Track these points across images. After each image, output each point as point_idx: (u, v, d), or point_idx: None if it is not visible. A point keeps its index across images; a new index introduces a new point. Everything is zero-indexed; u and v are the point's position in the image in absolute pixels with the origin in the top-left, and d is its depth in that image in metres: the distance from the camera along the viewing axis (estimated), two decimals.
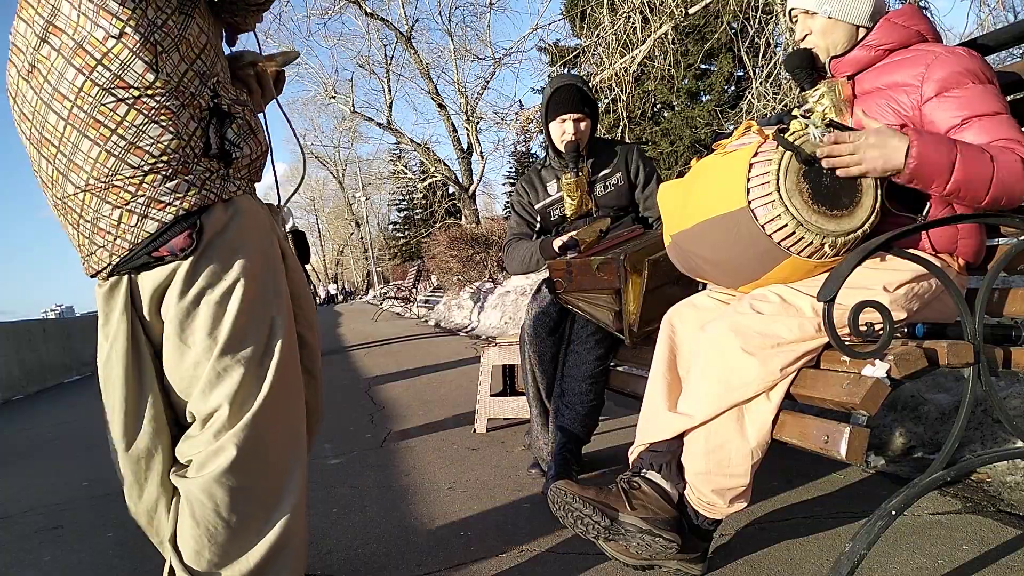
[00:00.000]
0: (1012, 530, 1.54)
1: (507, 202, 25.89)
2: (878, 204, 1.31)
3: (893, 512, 1.16)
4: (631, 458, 1.51)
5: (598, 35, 7.21)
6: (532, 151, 22.14)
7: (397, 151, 26.73)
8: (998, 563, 1.40)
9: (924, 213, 1.38)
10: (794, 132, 1.30)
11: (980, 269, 1.48)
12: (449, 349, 6.75)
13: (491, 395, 3.06)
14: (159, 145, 1.13)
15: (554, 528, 1.82)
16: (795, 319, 1.32)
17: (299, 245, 1.44)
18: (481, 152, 16.45)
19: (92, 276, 1.21)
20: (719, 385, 1.33)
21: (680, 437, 1.41)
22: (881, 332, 1.16)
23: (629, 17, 6.69)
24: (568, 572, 1.58)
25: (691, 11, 6.56)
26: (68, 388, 8.01)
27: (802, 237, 1.28)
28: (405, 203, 38.65)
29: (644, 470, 1.44)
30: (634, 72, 7.01)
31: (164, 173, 1.14)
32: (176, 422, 1.25)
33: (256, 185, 1.34)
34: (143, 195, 1.13)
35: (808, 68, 1.55)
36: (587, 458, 2.37)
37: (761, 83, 6.54)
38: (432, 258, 13.32)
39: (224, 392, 1.17)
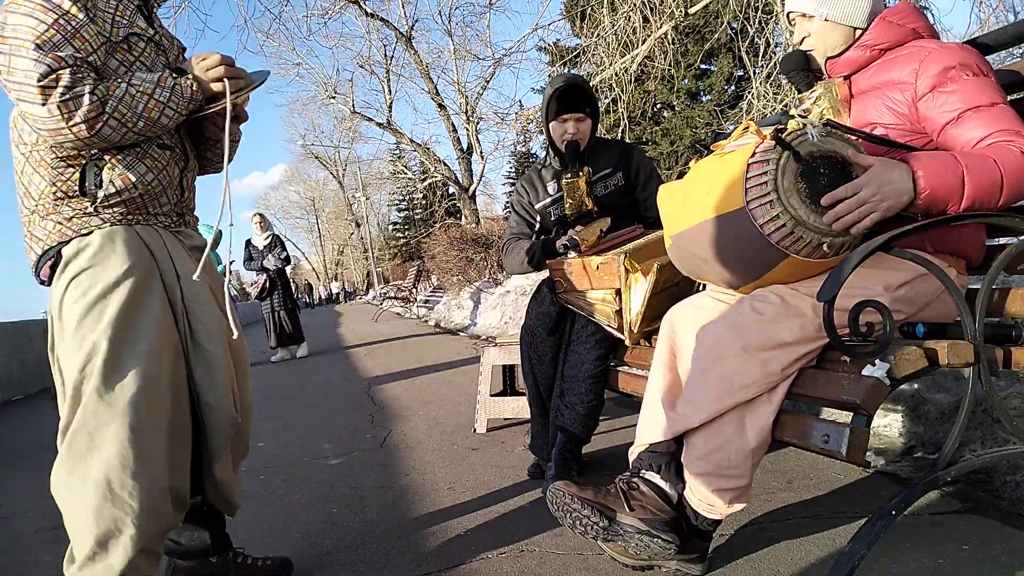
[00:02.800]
0: (1012, 530, 1.54)
1: (507, 202, 25.87)
2: None
3: (893, 512, 1.16)
4: (630, 458, 1.51)
5: (598, 35, 7.21)
6: (532, 151, 22.13)
7: (397, 151, 26.70)
8: (998, 563, 1.40)
9: None
10: (792, 132, 1.30)
11: (980, 269, 1.47)
12: (449, 349, 6.75)
13: (491, 395, 3.06)
14: (37, 190, 1.37)
15: (554, 528, 1.82)
16: (795, 320, 1.31)
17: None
18: (481, 152, 16.44)
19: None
20: (719, 386, 1.33)
21: (680, 438, 1.41)
22: (881, 332, 1.16)
23: (629, 17, 6.69)
24: (568, 572, 1.58)
25: (691, 11, 6.55)
26: None
27: (800, 237, 1.28)
28: (405, 203, 38.65)
29: (643, 471, 1.44)
30: (634, 72, 7.00)
31: (40, 214, 1.38)
32: None
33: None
34: (27, 232, 1.40)
35: (804, 71, 1.55)
36: (587, 458, 2.37)
37: (761, 83, 6.54)
38: (432, 258, 13.32)
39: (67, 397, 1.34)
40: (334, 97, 18.15)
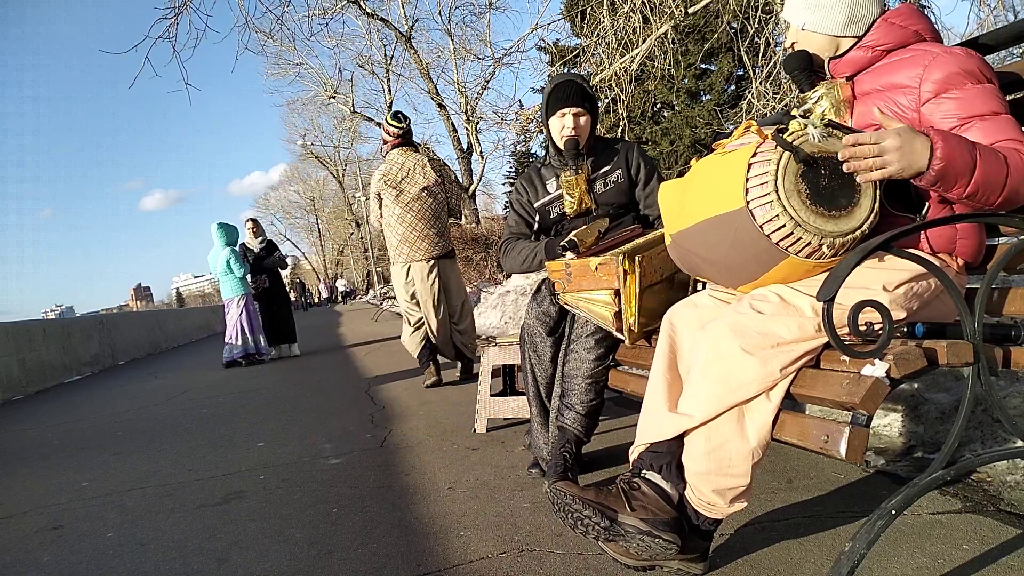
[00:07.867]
0: (1012, 530, 1.54)
1: (507, 201, 25.85)
2: (876, 205, 1.30)
3: (893, 512, 1.16)
4: (631, 458, 1.51)
5: (598, 35, 7.21)
6: (532, 151, 22.12)
7: None
8: (998, 563, 1.40)
9: (923, 213, 1.38)
10: (793, 132, 1.30)
11: (980, 269, 1.47)
12: None
13: (491, 395, 3.06)
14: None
15: (554, 528, 1.82)
16: (795, 319, 1.31)
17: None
18: (481, 152, 16.44)
19: (424, 259, 4.36)
20: (719, 385, 1.33)
21: (680, 437, 1.41)
22: (881, 332, 1.16)
23: (629, 17, 6.68)
24: (568, 572, 1.58)
25: (691, 11, 6.54)
26: (68, 388, 8.00)
27: (800, 238, 1.28)
28: None
29: (644, 471, 1.44)
30: (634, 72, 6.99)
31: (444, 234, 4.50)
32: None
33: None
34: (442, 240, 4.43)
35: (807, 70, 1.55)
36: (587, 458, 2.37)
37: (761, 83, 6.54)
38: None
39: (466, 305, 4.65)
40: (334, 97, 18.14)
